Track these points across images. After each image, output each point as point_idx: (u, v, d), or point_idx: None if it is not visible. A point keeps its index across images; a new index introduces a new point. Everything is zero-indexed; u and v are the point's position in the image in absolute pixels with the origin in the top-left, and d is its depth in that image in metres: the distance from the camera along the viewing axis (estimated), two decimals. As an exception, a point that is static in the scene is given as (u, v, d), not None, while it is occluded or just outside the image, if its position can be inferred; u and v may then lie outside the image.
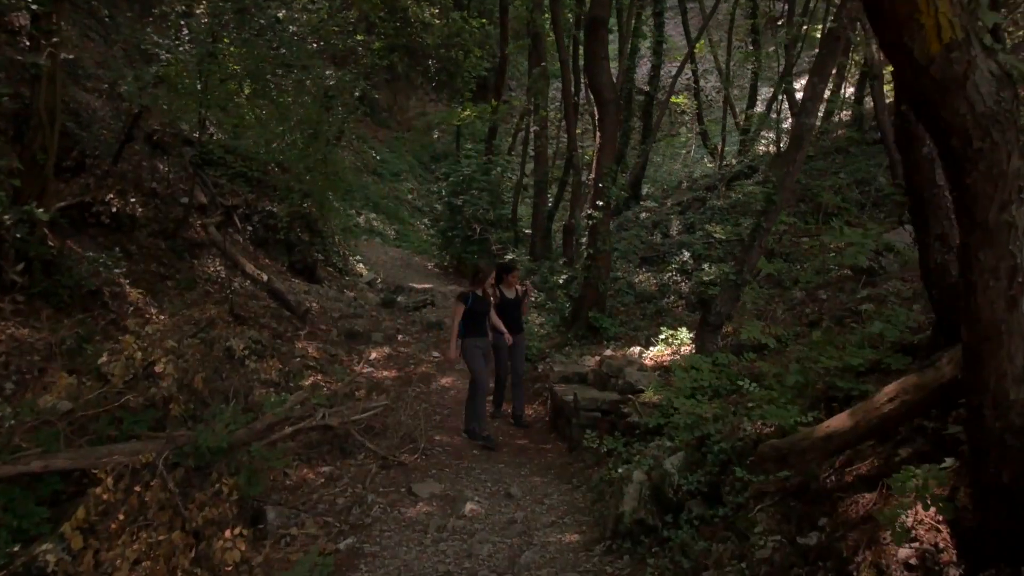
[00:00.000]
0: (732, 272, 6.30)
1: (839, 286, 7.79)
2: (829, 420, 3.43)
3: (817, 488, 3.47)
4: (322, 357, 10.98)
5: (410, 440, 8.07)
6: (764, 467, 3.66)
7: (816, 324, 6.40)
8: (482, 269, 8.32)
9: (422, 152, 33.80)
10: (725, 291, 6.38)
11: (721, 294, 6.42)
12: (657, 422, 5.71)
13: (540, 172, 14.97)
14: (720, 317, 6.38)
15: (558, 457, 7.69)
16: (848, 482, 3.36)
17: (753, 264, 6.31)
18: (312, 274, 14.82)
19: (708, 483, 4.32)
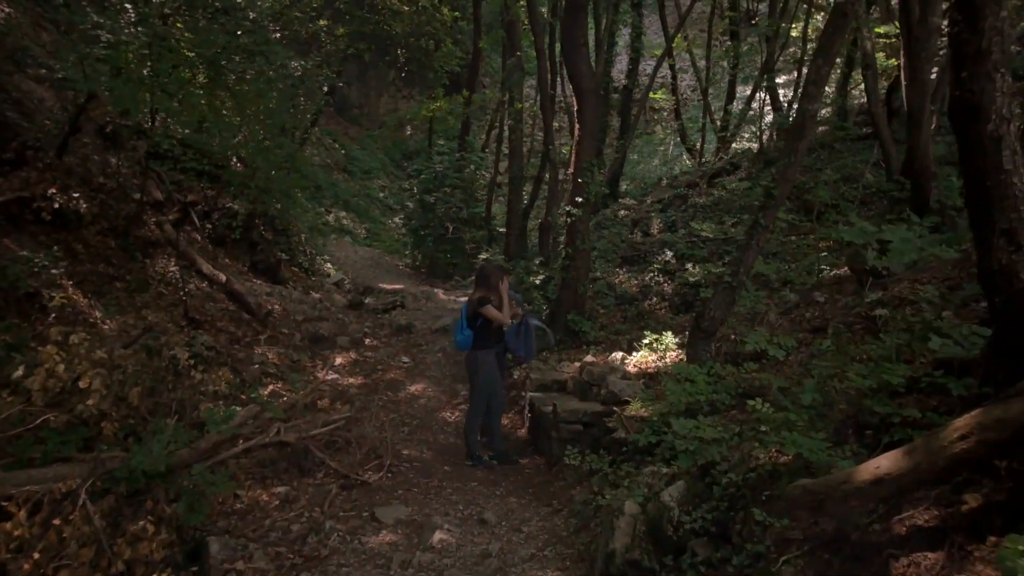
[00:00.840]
0: (727, 273, 5.74)
1: (836, 288, 7.27)
2: (878, 459, 2.81)
3: (860, 540, 2.88)
4: (283, 363, 10.30)
5: (375, 456, 7.42)
6: (795, 515, 3.07)
7: (820, 331, 5.86)
8: (492, 272, 7.54)
9: (394, 150, 33.14)
10: (719, 294, 5.82)
11: (714, 297, 5.86)
12: (648, 440, 5.12)
13: (515, 168, 14.34)
14: (714, 323, 5.82)
15: (536, 474, 7.08)
16: (901, 535, 2.77)
17: (750, 265, 5.76)
18: (275, 274, 14.08)
19: (715, 521, 3.72)
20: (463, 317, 7.42)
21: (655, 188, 16.08)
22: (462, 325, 7.40)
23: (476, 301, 7.30)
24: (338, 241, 21.95)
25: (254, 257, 13.85)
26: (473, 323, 7.33)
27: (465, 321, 7.38)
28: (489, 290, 7.34)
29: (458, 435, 8.53)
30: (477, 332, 7.32)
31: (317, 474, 7.02)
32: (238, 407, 7.08)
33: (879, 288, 5.87)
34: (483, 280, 7.43)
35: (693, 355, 5.89)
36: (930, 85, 7.45)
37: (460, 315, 7.53)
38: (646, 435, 5.16)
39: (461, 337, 7.40)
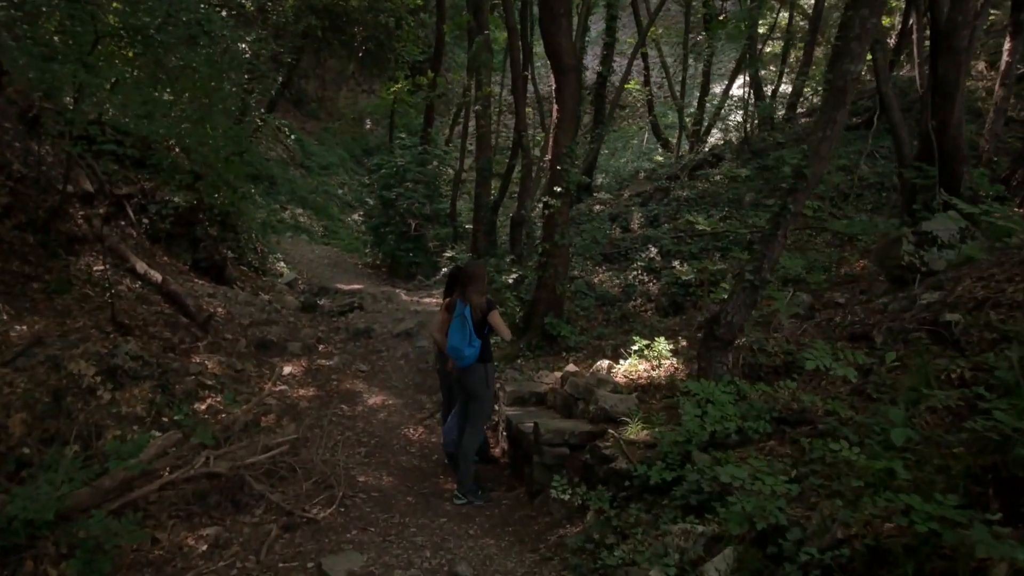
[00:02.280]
0: (748, 270, 4.79)
1: (854, 286, 6.39)
2: None
3: None
4: (224, 373, 9.13)
5: (325, 485, 6.32)
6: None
7: (862, 339, 4.94)
8: (475, 273, 6.36)
9: (353, 145, 31.92)
10: (738, 295, 4.85)
11: (731, 299, 4.89)
12: (661, 477, 4.11)
13: (483, 158, 13.27)
14: (731, 329, 4.85)
15: (516, 507, 6.04)
16: None
17: (775, 259, 4.81)
18: (220, 274, 12.83)
19: (794, 617, 2.73)
20: (470, 325, 6.10)
21: (632, 181, 15.19)
22: (469, 335, 6.10)
23: (483, 306, 6.19)
24: (294, 239, 20.73)
25: (196, 255, 12.59)
26: (482, 332, 6.20)
27: (474, 329, 6.13)
28: (482, 292, 6.27)
29: (423, 456, 7.47)
30: (485, 342, 6.24)
31: (255, 510, 5.90)
32: (159, 432, 5.93)
33: (930, 288, 4.96)
34: (474, 280, 6.29)
35: (706, 368, 4.93)
36: (966, 53, 6.57)
37: (460, 323, 6.13)
38: (659, 470, 4.16)
39: (471, 351, 6.10)
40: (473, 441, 6.27)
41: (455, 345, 6.05)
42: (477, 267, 6.59)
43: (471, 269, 6.39)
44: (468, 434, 6.24)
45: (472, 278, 6.24)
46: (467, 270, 6.39)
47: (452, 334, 6.10)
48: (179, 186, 10.19)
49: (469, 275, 6.27)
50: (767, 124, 13.92)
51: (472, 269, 6.41)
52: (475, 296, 6.18)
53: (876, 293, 5.78)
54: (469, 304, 6.13)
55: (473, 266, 6.56)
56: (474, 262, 7.21)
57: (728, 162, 13.09)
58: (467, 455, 6.24)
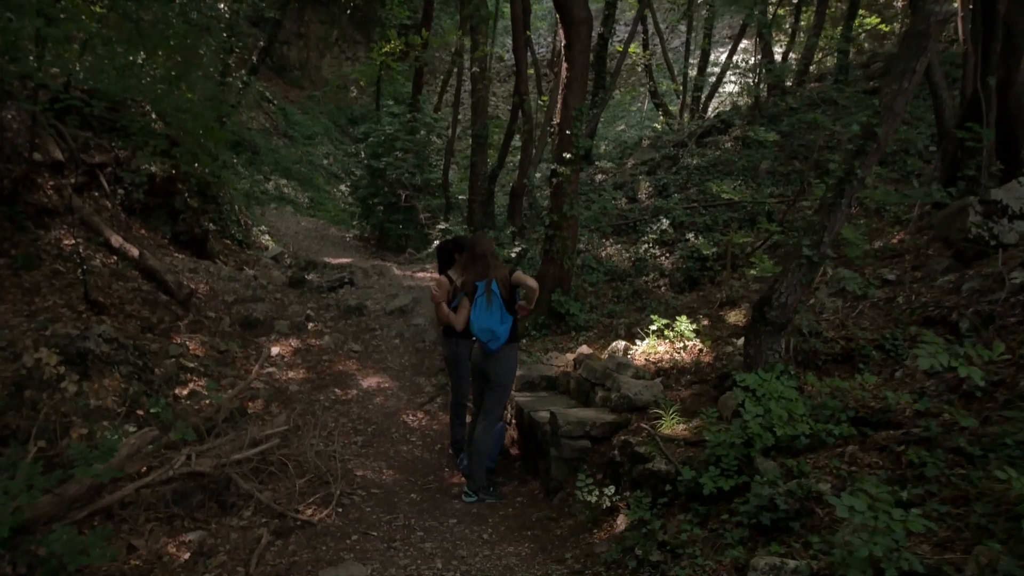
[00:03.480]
0: (805, 244, 4.19)
1: (906, 262, 5.81)
2: None
3: None
4: (207, 355, 8.51)
5: (320, 481, 5.73)
6: None
7: (938, 323, 4.38)
8: (488, 248, 5.68)
9: (339, 114, 30.98)
10: (793, 273, 4.26)
11: (785, 277, 4.30)
12: (716, 486, 3.53)
13: (479, 124, 12.54)
14: (786, 311, 4.26)
15: (533, 507, 5.46)
16: None
17: (837, 231, 4.21)
18: (202, 248, 12.12)
19: None
20: (499, 301, 5.41)
21: (636, 149, 14.51)
22: (500, 313, 5.41)
23: (510, 279, 5.50)
24: (279, 211, 19.96)
25: (175, 227, 11.86)
26: (512, 307, 5.52)
27: (504, 306, 5.44)
28: (500, 264, 5.65)
29: (425, 445, 6.89)
30: (515, 318, 5.57)
31: (243, 512, 5.31)
32: (133, 427, 5.29)
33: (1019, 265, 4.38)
34: (488, 254, 5.63)
35: (756, 355, 4.35)
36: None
37: (486, 301, 5.43)
38: (712, 477, 3.59)
39: (503, 329, 5.41)
40: (490, 435, 5.67)
41: (488, 326, 5.35)
42: (485, 240, 5.92)
43: (482, 244, 5.69)
44: (485, 427, 5.62)
45: (487, 252, 5.59)
46: (479, 246, 5.68)
47: (480, 315, 5.40)
48: (153, 152, 9.42)
49: (483, 251, 5.58)
50: (778, 89, 13.29)
51: (483, 244, 5.72)
52: (500, 269, 5.54)
53: (935, 270, 5.22)
54: (495, 278, 5.47)
55: (482, 240, 5.85)
56: (477, 235, 6.42)
57: (739, 128, 12.45)
58: (482, 450, 5.64)
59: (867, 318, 4.88)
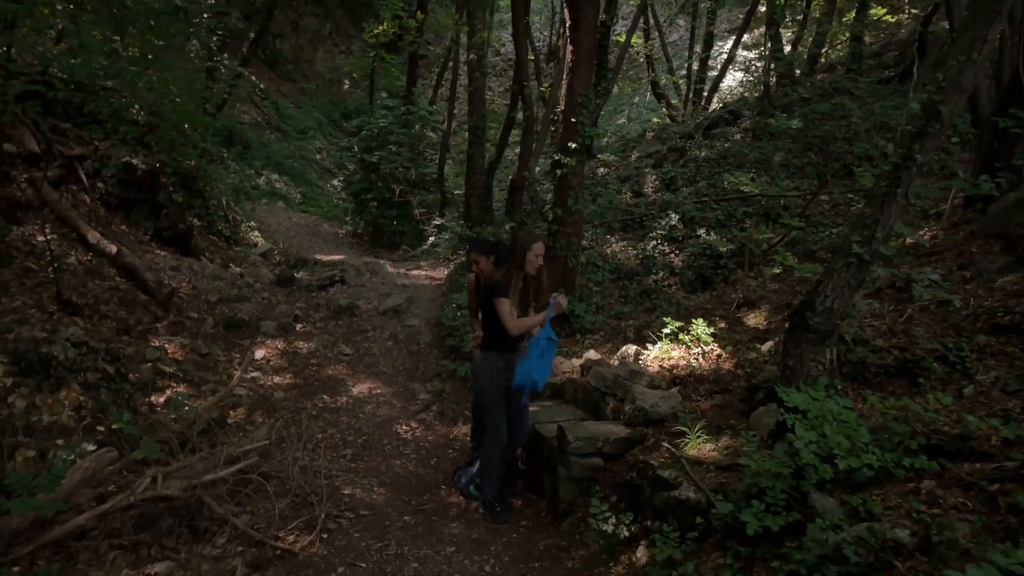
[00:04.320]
0: (856, 240, 3.65)
1: (948, 261, 5.29)
2: None
3: None
4: (187, 358, 7.97)
5: (304, 502, 5.19)
6: None
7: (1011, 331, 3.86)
8: (526, 239, 5.10)
9: (331, 108, 30.42)
10: (839, 274, 3.71)
11: (830, 278, 3.76)
12: (762, 524, 3.00)
13: (476, 115, 11.97)
14: (831, 318, 3.72)
15: (539, 531, 4.93)
16: None
17: (890, 225, 3.69)
18: (186, 244, 11.54)
19: None
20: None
21: (640, 141, 13.97)
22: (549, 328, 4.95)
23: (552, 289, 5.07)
24: (270, 207, 19.37)
25: (158, 223, 11.27)
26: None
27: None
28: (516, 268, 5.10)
29: (419, 459, 6.35)
30: (498, 332, 5.10)
31: (217, 538, 4.76)
32: (93, 446, 4.73)
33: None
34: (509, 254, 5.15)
35: (796, 367, 3.82)
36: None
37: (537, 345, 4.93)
38: (756, 514, 3.05)
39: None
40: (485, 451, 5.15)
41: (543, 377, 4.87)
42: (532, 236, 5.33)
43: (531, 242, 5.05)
44: (485, 443, 5.12)
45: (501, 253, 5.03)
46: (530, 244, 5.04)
47: (538, 366, 4.86)
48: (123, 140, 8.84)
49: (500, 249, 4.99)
50: (788, 79, 12.77)
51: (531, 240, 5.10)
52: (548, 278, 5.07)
53: (988, 269, 4.70)
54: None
55: (530, 236, 5.21)
56: (523, 231, 5.48)
57: (749, 119, 11.92)
58: (491, 464, 5.15)
59: (919, 324, 4.37)
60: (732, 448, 4.11)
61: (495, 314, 4.96)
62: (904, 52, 11.54)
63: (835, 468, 2.96)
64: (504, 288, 4.95)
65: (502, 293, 4.92)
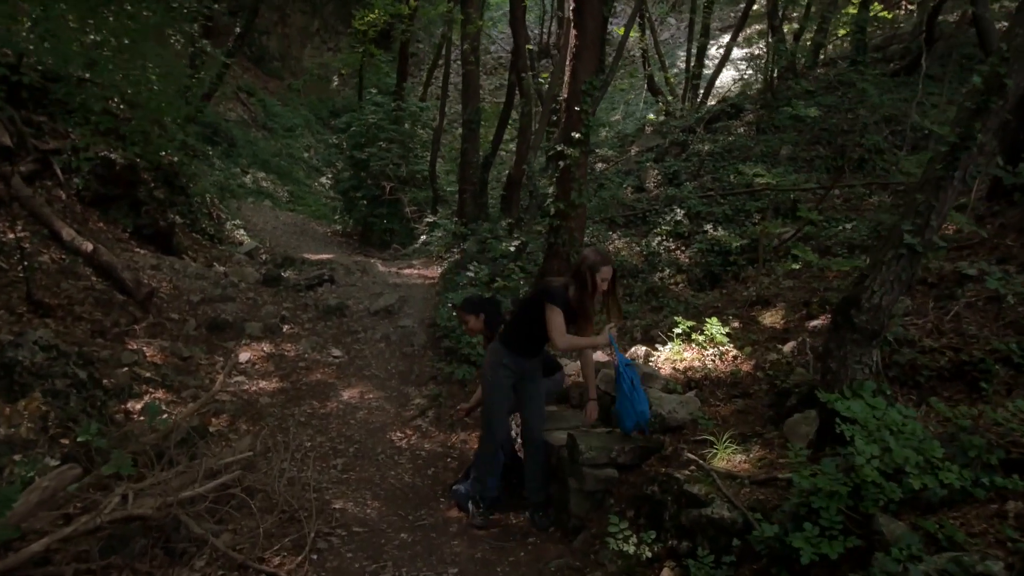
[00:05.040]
0: (907, 229, 3.25)
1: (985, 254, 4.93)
2: None
3: None
4: (167, 362, 7.54)
5: (292, 519, 4.76)
6: None
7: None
8: (594, 260, 4.46)
9: (320, 107, 29.97)
10: (889, 266, 3.31)
11: (877, 271, 3.34)
12: (818, 552, 2.60)
13: (470, 108, 11.54)
14: (879, 316, 3.32)
15: (549, 549, 4.51)
16: None
17: (945, 213, 3.30)
18: (167, 243, 11.09)
19: None
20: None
21: (639, 136, 13.59)
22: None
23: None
24: (256, 205, 18.91)
25: (138, 221, 10.81)
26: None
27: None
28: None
29: (416, 469, 5.94)
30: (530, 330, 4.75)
31: (196, 560, 4.32)
32: (55, 461, 4.29)
33: None
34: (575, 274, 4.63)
35: (839, 371, 3.43)
36: None
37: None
38: (809, 539, 2.65)
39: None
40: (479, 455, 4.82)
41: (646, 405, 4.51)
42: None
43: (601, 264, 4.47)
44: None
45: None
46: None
47: (637, 398, 4.48)
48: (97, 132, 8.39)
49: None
50: (790, 72, 12.43)
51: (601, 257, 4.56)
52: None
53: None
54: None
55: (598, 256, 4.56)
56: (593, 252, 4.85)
57: (751, 113, 11.57)
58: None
59: (970, 322, 4.00)
60: (767, 460, 3.72)
61: (535, 315, 4.54)
62: (909, 45, 11.23)
63: (907, 490, 2.57)
64: (560, 296, 4.45)
65: (556, 301, 4.44)
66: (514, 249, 8.59)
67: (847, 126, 9.51)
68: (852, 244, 6.86)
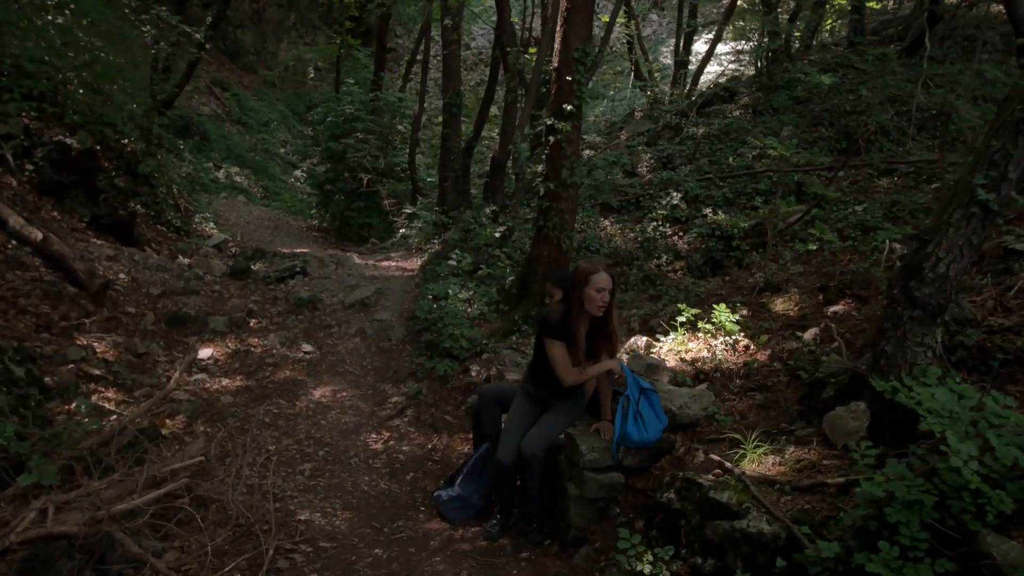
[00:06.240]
0: (979, 183, 2.69)
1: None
2: None
3: None
4: (120, 359, 6.87)
5: (248, 534, 4.13)
6: None
7: None
8: (585, 269, 4.01)
9: (297, 102, 29.16)
10: (957, 228, 2.75)
11: (943, 234, 2.78)
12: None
13: (451, 92, 10.91)
14: (945, 287, 2.77)
15: (547, 566, 3.91)
16: None
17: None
18: (128, 233, 10.39)
19: None
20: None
21: (628, 122, 13.03)
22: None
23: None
24: (229, 200, 18.18)
25: (96, 210, 10.11)
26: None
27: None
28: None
29: (392, 474, 5.33)
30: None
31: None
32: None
33: None
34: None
35: (896, 353, 2.87)
36: None
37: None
38: (887, 561, 2.09)
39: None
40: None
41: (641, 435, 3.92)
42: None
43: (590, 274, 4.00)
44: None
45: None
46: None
47: (633, 426, 3.91)
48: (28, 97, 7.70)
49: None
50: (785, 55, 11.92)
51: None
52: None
53: None
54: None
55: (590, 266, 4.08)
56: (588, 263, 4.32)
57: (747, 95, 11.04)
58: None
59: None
60: (807, 462, 3.15)
61: (542, 351, 4.07)
62: (909, 26, 10.78)
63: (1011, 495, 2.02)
64: (557, 327, 3.96)
65: (554, 334, 3.96)
66: (499, 235, 7.99)
67: (849, 107, 9.02)
68: (866, 226, 6.34)
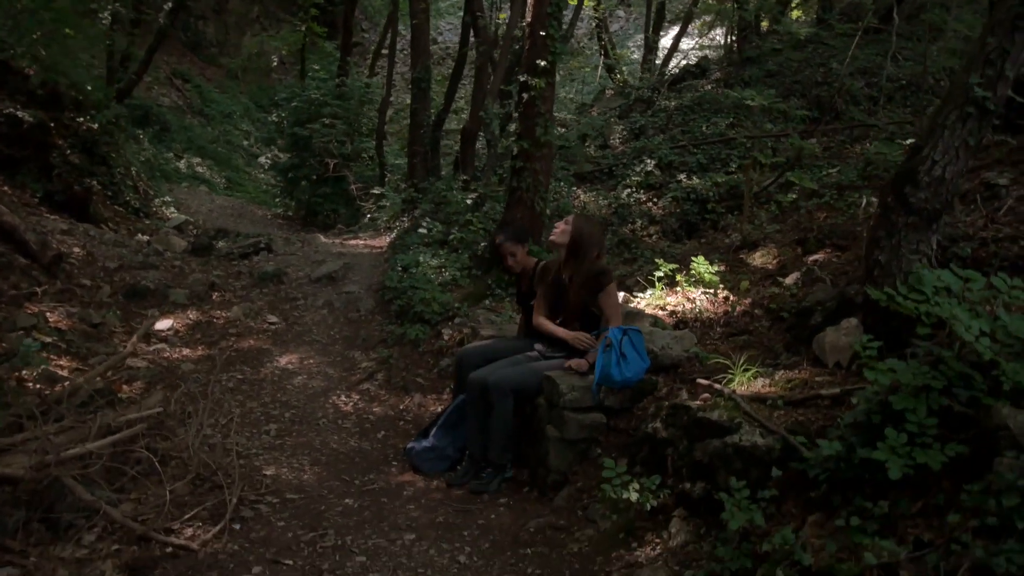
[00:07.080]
0: (975, 82, 2.55)
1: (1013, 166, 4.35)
2: None
3: None
4: (74, 328, 6.56)
5: (211, 485, 3.91)
6: None
7: None
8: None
9: (260, 95, 28.65)
10: (952, 129, 2.62)
11: (939, 136, 2.66)
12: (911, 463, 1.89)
13: (420, 66, 10.70)
14: (941, 191, 2.63)
15: (526, 510, 3.75)
16: None
17: (1023, 60, 2.64)
18: (83, 210, 10.04)
19: None
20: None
21: (599, 99, 12.93)
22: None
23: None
24: (191, 189, 17.76)
25: (49, 186, 9.76)
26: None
27: None
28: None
29: (363, 433, 5.13)
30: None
31: (85, 534, 3.45)
32: None
33: None
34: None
35: (889, 261, 2.75)
36: None
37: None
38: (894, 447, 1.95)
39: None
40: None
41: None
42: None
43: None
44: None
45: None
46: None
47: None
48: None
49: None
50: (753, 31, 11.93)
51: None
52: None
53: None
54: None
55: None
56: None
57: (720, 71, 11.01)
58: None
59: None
60: (799, 380, 3.04)
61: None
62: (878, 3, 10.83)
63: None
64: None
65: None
66: (471, 202, 7.83)
67: (820, 78, 9.03)
68: (841, 185, 6.29)
